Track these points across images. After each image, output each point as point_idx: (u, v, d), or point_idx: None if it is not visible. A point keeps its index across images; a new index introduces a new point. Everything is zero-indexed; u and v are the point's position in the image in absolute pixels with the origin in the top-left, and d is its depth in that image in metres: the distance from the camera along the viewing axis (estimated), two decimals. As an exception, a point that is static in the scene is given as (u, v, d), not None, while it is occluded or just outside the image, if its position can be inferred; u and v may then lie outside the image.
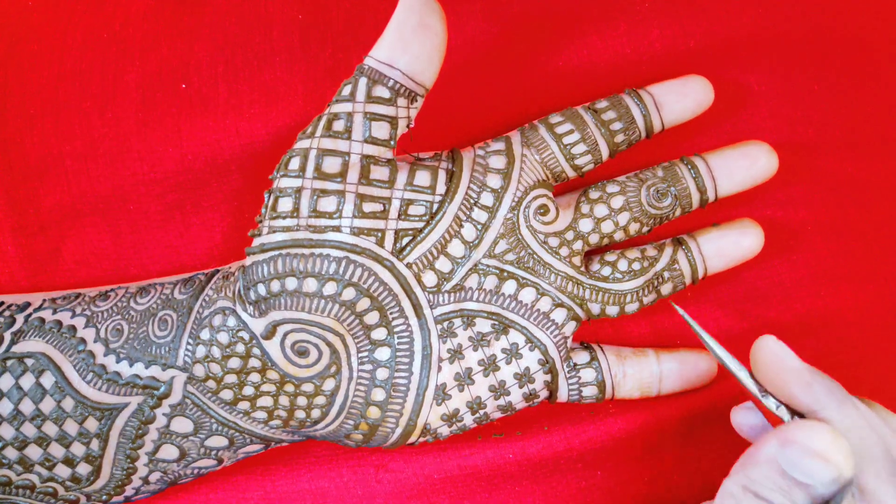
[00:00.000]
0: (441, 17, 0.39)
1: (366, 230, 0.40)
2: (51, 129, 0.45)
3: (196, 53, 0.46)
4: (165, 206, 0.46)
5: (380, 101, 0.40)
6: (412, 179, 0.41)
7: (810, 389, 0.37)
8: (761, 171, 0.44)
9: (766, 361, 0.38)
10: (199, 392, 0.41)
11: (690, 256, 0.44)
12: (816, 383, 0.37)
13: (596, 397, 0.44)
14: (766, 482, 0.35)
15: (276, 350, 0.40)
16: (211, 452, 0.42)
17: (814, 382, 0.37)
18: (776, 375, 0.37)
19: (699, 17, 0.47)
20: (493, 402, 0.43)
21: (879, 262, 0.48)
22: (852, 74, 0.48)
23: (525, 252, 0.43)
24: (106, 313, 0.42)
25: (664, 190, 0.44)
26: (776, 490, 0.35)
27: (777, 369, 0.37)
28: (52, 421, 0.41)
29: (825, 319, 0.48)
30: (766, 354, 0.38)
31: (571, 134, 0.43)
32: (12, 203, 0.46)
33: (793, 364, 0.37)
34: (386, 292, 0.41)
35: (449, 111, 0.46)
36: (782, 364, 0.37)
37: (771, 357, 0.38)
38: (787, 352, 0.38)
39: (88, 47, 0.46)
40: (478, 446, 0.46)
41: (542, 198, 0.43)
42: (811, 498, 0.35)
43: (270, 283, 0.39)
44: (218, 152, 0.45)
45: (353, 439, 0.42)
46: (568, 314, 0.43)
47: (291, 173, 0.40)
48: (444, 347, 0.42)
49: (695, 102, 0.44)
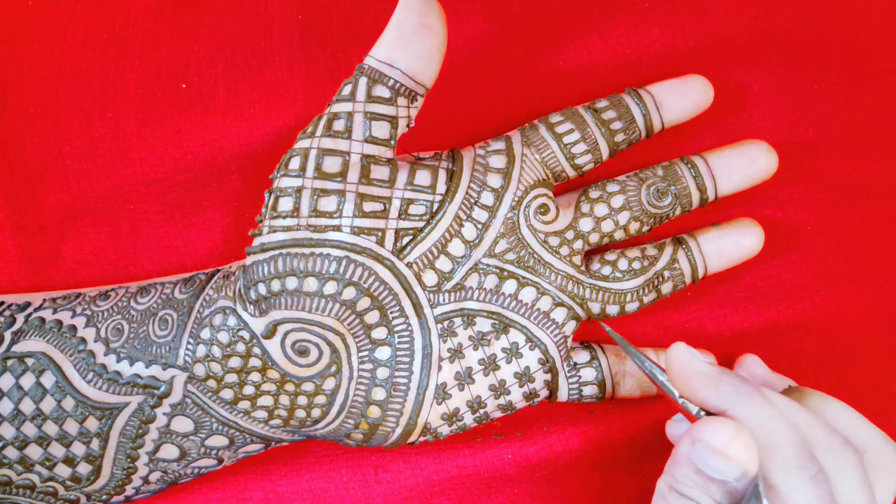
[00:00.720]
0: (441, 17, 0.39)
1: (366, 229, 0.40)
2: (51, 129, 0.45)
3: (196, 53, 0.46)
4: (165, 206, 0.46)
5: (380, 101, 0.40)
6: (412, 179, 0.41)
7: (717, 390, 0.37)
8: (761, 171, 0.44)
9: (676, 368, 0.38)
10: (200, 391, 0.41)
11: (690, 256, 0.44)
12: (723, 383, 0.37)
13: (596, 396, 0.44)
14: (687, 480, 0.36)
15: (277, 349, 0.40)
16: (211, 452, 0.42)
17: (720, 383, 0.37)
18: (687, 381, 0.38)
19: (699, 17, 0.47)
20: (494, 402, 0.43)
21: (879, 262, 0.48)
22: (852, 74, 0.48)
23: (525, 251, 0.43)
24: (106, 313, 0.42)
25: (664, 189, 0.44)
26: (696, 487, 0.36)
27: (687, 375, 0.38)
28: (53, 420, 0.41)
29: (825, 319, 0.48)
30: (675, 362, 0.38)
31: (571, 133, 0.43)
32: (12, 203, 0.46)
33: (700, 368, 0.38)
34: (386, 292, 0.41)
35: (449, 111, 0.46)
36: (691, 369, 0.38)
37: (679, 364, 0.38)
38: (694, 357, 0.38)
39: (88, 47, 0.46)
40: (477, 447, 0.46)
41: (542, 197, 0.43)
42: (728, 493, 0.36)
43: (271, 282, 0.39)
44: (218, 152, 0.45)
45: (353, 438, 0.42)
46: (568, 313, 0.43)
47: (292, 173, 0.40)
48: (445, 347, 0.42)
49: (694, 102, 0.44)
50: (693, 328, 0.47)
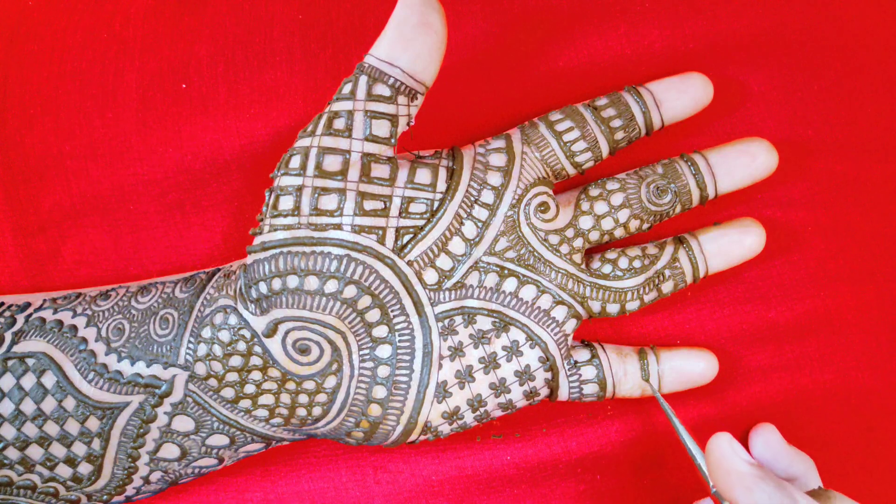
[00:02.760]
0: (441, 15, 0.39)
1: (367, 228, 0.40)
2: (51, 129, 0.45)
3: (196, 53, 0.46)
4: (165, 206, 0.46)
5: (380, 99, 0.40)
6: (413, 177, 0.41)
7: (752, 495, 0.37)
8: (761, 168, 0.44)
9: (715, 461, 0.38)
10: (201, 390, 0.41)
11: (692, 255, 0.44)
12: (759, 489, 0.37)
13: (597, 395, 0.44)
14: None
15: (278, 348, 0.40)
16: (212, 451, 0.42)
17: (756, 489, 0.37)
18: (724, 476, 0.38)
19: (699, 17, 0.47)
20: (494, 400, 0.43)
21: (879, 262, 0.48)
22: (852, 74, 0.48)
23: (525, 249, 0.43)
24: (107, 312, 0.42)
25: (664, 187, 0.44)
26: None
27: (724, 470, 0.38)
28: (54, 420, 0.41)
29: (825, 319, 0.48)
30: (715, 454, 0.38)
31: (571, 131, 0.43)
32: (12, 203, 0.46)
33: (738, 467, 0.38)
34: (387, 290, 0.41)
35: (449, 110, 0.46)
36: (729, 466, 0.38)
37: (719, 457, 0.38)
38: (734, 452, 0.38)
39: (88, 47, 0.46)
40: (476, 448, 0.46)
41: (542, 195, 0.43)
42: None
43: (272, 281, 0.39)
44: (218, 152, 0.45)
45: (354, 437, 0.42)
46: (568, 312, 0.43)
47: (292, 171, 0.40)
48: (445, 345, 0.42)
49: (694, 99, 0.44)
50: (693, 329, 0.47)
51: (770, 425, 0.46)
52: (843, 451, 0.48)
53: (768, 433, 0.46)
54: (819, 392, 0.48)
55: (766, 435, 0.46)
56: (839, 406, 0.48)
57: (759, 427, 0.46)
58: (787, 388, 0.48)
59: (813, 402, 0.48)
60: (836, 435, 0.48)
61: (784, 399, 0.48)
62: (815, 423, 0.48)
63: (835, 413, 0.48)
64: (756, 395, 0.47)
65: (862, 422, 0.48)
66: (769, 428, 0.46)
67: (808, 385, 0.48)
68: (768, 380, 0.47)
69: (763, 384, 0.47)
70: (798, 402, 0.48)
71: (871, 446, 0.49)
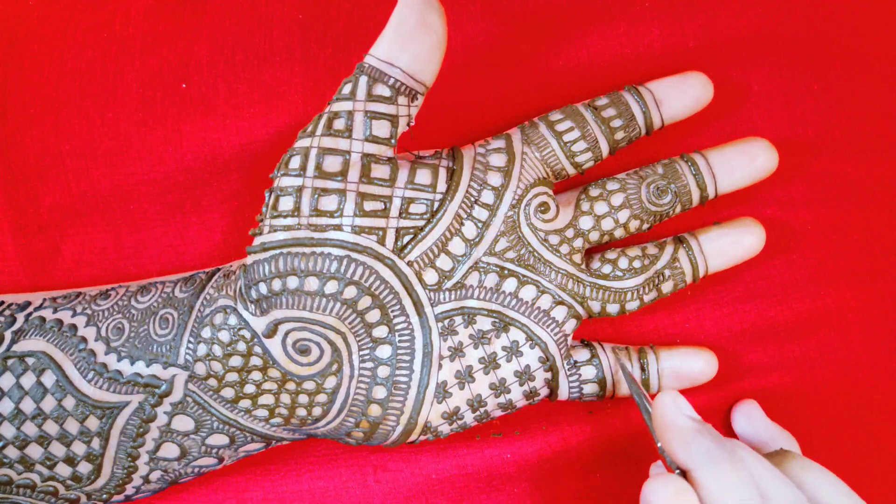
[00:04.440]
0: (441, 15, 0.39)
1: (367, 229, 0.40)
2: (51, 129, 0.45)
3: (196, 53, 0.46)
4: (165, 206, 0.46)
5: (380, 100, 0.40)
6: (413, 178, 0.41)
7: (688, 448, 0.37)
8: (761, 168, 0.44)
9: (657, 417, 0.38)
10: (201, 390, 0.41)
11: (691, 254, 0.44)
12: (695, 442, 0.37)
13: (597, 395, 0.44)
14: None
15: (278, 348, 0.40)
16: (212, 451, 0.42)
17: (693, 441, 0.37)
18: (665, 432, 0.38)
19: (699, 17, 0.47)
20: (494, 400, 0.43)
21: (879, 262, 0.48)
22: (852, 74, 0.48)
23: (525, 250, 0.43)
24: (107, 312, 0.42)
25: (664, 187, 0.44)
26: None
27: (665, 426, 0.38)
28: (53, 420, 0.41)
29: (825, 319, 0.48)
30: (657, 410, 0.38)
31: (572, 131, 0.43)
32: (12, 203, 0.46)
33: (677, 422, 0.38)
34: (387, 290, 0.41)
35: (449, 110, 0.46)
36: (670, 421, 0.38)
37: (661, 413, 0.38)
38: (676, 408, 0.38)
39: (88, 47, 0.46)
40: (476, 446, 0.46)
41: (542, 195, 0.43)
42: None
43: (272, 281, 0.39)
44: (218, 152, 0.45)
45: (354, 437, 0.42)
46: (568, 312, 0.43)
47: (292, 172, 0.40)
48: (445, 345, 0.42)
49: (694, 98, 0.44)
50: (693, 328, 0.47)
51: (752, 401, 0.46)
52: (842, 450, 0.48)
53: (750, 408, 0.46)
54: (819, 391, 0.48)
55: (747, 410, 0.46)
56: (839, 405, 0.48)
57: (741, 403, 0.46)
58: (787, 388, 0.48)
59: (813, 401, 0.48)
60: (835, 435, 0.48)
61: (784, 398, 0.48)
62: (815, 422, 0.48)
63: (834, 412, 0.48)
64: (755, 394, 0.47)
65: (862, 422, 0.48)
66: (751, 403, 0.46)
67: (808, 385, 0.48)
68: (768, 379, 0.47)
69: (763, 383, 0.47)
70: (798, 402, 0.48)
71: (871, 446, 0.49)
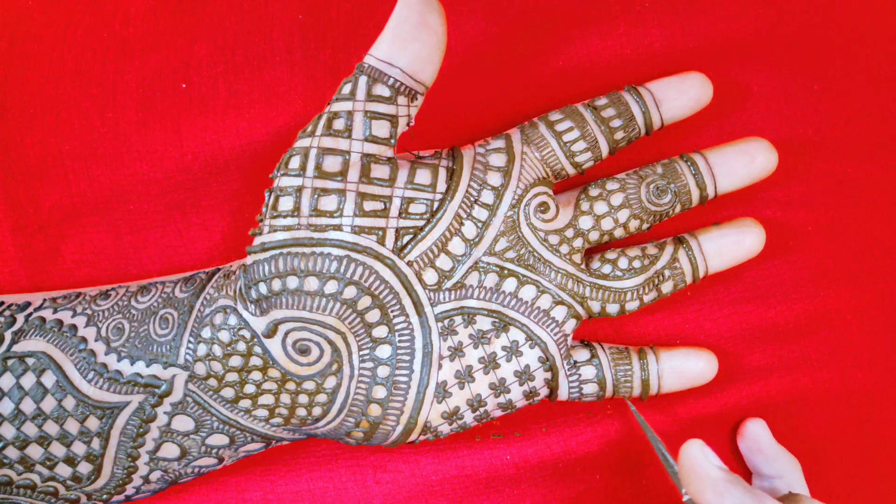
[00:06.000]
0: (441, 15, 0.39)
1: (367, 228, 0.40)
2: (51, 129, 0.45)
3: (196, 53, 0.46)
4: (165, 206, 0.46)
5: (380, 100, 0.40)
6: (413, 178, 0.41)
7: (721, 499, 0.37)
8: (761, 168, 0.44)
9: (687, 467, 0.38)
10: (201, 390, 0.41)
11: (691, 255, 0.44)
12: (728, 493, 0.37)
13: (597, 395, 0.44)
14: None
15: (278, 348, 0.40)
16: (211, 451, 0.42)
17: (726, 493, 0.37)
18: (696, 482, 0.38)
19: (699, 17, 0.47)
20: (494, 400, 0.43)
21: (879, 262, 0.48)
22: (852, 74, 0.48)
23: (525, 250, 0.43)
24: (107, 312, 0.42)
25: (664, 187, 0.44)
26: None
27: (696, 476, 0.38)
28: (54, 420, 0.41)
29: (825, 319, 0.48)
30: (686, 460, 0.38)
31: (571, 131, 0.43)
32: (12, 203, 0.46)
33: (709, 473, 0.38)
34: (387, 290, 0.41)
35: (449, 110, 0.46)
36: (701, 472, 0.38)
37: (691, 463, 0.38)
38: (706, 459, 0.38)
39: (88, 47, 0.46)
40: (475, 447, 0.46)
41: (542, 195, 0.43)
42: None
43: (272, 281, 0.39)
44: (218, 152, 0.45)
45: (353, 437, 0.42)
46: (568, 312, 0.43)
47: (292, 172, 0.40)
48: (445, 345, 0.42)
49: (694, 99, 0.44)
50: (693, 328, 0.47)
51: (760, 420, 0.46)
52: (842, 450, 0.48)
53: (757, 428, 0.46)
54: (819, 392, 0.48)
55: (754, 429, 0.46)
56: (839, 406, 0.48)
57: (749, 421, 0.46)
58: (787, 388, 0.48)
59: (813, 402, 0.48)
60: (835, 435, 0.48)
61: (784, 399, 0.48)
62: (815, 422, 0.48)
63: (835, 413, 0.48)
64: (755, 395, 0.47)
65: (862, 422, 0.48)
66: (759, 423, 0.46)
67: (808, 385, 0.48)
68: (768, 379, 0.47)
69: (763, 384, 0.47)
70: (798, 402, 0.48)
71: (871, 446, 0.49)
